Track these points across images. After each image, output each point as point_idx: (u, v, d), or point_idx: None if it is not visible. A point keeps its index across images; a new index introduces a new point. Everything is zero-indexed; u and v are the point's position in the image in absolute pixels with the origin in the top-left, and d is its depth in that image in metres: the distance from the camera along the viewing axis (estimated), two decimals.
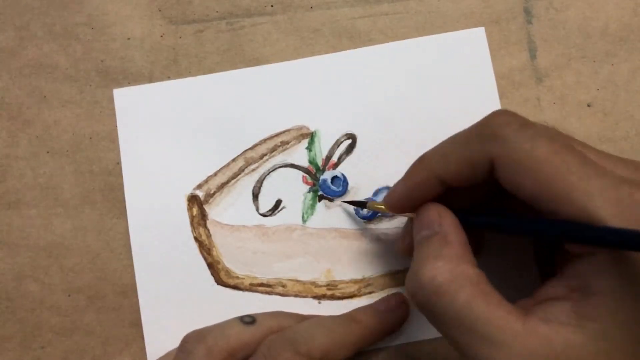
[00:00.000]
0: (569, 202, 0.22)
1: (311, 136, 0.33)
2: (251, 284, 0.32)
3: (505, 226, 0.25)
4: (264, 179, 0.33)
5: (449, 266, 0.24)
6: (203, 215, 0.33)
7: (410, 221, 0.29)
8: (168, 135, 0.34)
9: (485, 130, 0.24)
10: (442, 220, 0.26)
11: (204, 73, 0.34)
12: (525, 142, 0.23)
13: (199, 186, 0.33)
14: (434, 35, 0.34)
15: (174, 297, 0.32)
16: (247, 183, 0.33)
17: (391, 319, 0.31)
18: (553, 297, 0.23)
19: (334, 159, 0.33)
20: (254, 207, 0.33)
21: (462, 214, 0.26)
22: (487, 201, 0.28)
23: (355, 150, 0.33)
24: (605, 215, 0.21)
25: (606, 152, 0.25)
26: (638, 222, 0.21)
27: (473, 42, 0.34)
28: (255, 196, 0.33)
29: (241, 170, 0.33)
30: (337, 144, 0.33)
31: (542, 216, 0.23)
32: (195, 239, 0.33)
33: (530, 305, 0.24)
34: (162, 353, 0.31)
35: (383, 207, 0.29)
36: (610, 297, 0.22)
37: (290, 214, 0.33)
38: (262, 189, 0.33)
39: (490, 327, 0.22)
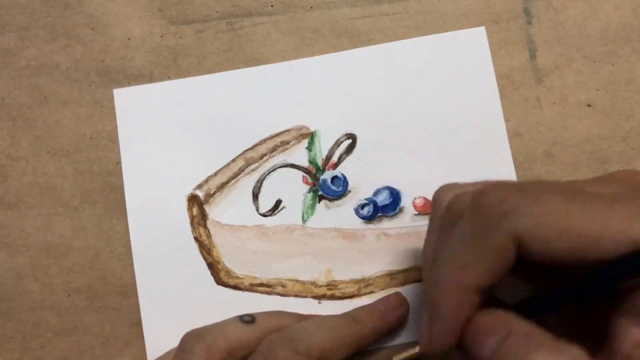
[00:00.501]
0: (609, 239, 0.20)
1: (311, 136, 0.33)
2: (251, 284, 0.32)
3: (569, 297, 0.22)
4: (264, 179, 0.33)
5: (553, 355, 0.20)
6: (203, 215, 0.33)
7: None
8: (168, 135, 0.34)
9: (491, 213, 0.22)
10: (509, 321, 0.22)
11: (204, 73, 0.34)
12: (540, 206, 0.21)
13: (199, 186, 0.33)
14: (434, 35, 0.34)
15: (174, 297, 0.32)
16: (247, 183, 0.33)
17: (391, 318, 0.31)
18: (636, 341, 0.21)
19: (334, 159, 0.33)
20: (254, 207, 0.33)
21: (521, 307, 0.23)
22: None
23: (355, 150, 0.33)
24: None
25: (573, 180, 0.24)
26: None
27: (473, 41, 0.34)
28: (255, 196, 0.33)
29: (241, 170, 0.33)
30: (337, 144, 0.33)
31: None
32: (196, 239, 0.33)
33: None
34: (162, 353, 0.31)
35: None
36: None
37: (290, 214, 0.33)
38: (262, 189, 0.33)
39: None
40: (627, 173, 0.24)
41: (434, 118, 0.33)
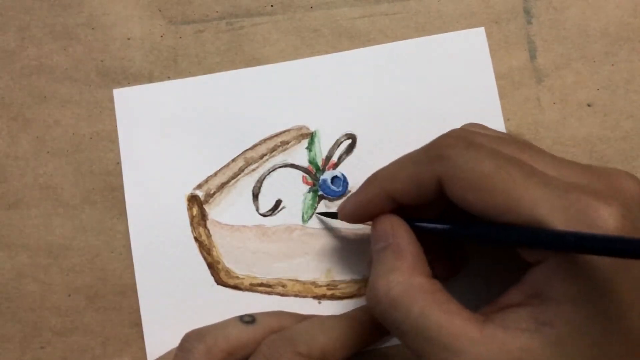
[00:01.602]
0: (516, 213, 0.22)
1: (311, 136, 0.33)
2: (251, 284, 0.32)
3: (457, 232, 0.26)
4: (264, 179, 0.33)
5: (402, 278, 0.24)
6: (203, 215, 0.33)
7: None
8: (168, 135, 0.34)
9: (432, 151, 0.25)
10: (395, 232, 0.26)
11: (204, 73, 0.34)
12: (470, 160, 0.24)
13: (199, 186, 0.33)
14: (433, 36, 0.34)
15: (174, 297, 0.32)
16: (247, 183, 0.33)
17: None
18: (512, 304, 0.24)
19: (334, 159, 0.33)
20: (254, 207, 0.33)
21: (415, 222, 0.27)
22: (442, 216, 0.28)
23: (355, 150, 0.33)
24: (553, 221, 0.22)
25: (559, 157, 0.25)
26: (585, 226, 0.21)
27: (473, 42, 0.34)
28: (255, 196, 0.33)
29: (241, 170, 0.33)
30: (337, 144, 0.33)
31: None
32: (195, 239, 0.33)
33: (491, 312, 0.24)
34: (162, 353, 0.31)
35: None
36: (565, 302, 0.22)
37: (290, 214, 0.33)
38: (262, 189, 0.33)
39: (446, 335, 0.23)
40: (616, 172, 0.24)
41: (434, 118, 0.33)
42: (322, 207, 0.33)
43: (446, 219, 0.27)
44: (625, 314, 0.22)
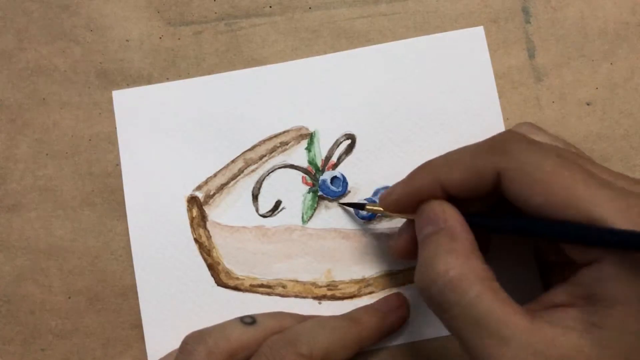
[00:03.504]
0: (577, 211, 0.22)
1: (310, 137, 0.33)
2: (251, 285, 0.32)
3: (512, 227, 0.26)
4: (264, 179, 0.33)
5: (460, 261, 0.24)
6: (203, 217, 0.33)
7: (408, 223, 0.29)
8: (167, 136, 0.34)
9: (494, 144, 0.25)
10: (447, 216, 0.26)
11: (203, 74, 0.34)
12: (533, 156, 0.24)
13: (199, 187, 0.33)
14: (432, 35, 0.34)
15: (174, 298, 0.32)
16: (246, 184, 0.33)
17: (391, 319, 0.31)
18: (558, 303, 0.24)
19: (334, 159, 0.33)
20: (253, 208, 0.33)
21: (466, 214, 0.26)
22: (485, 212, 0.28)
23: (355, 151, 0.33)
24: (614, 222, 0.22)
25: (607, 167, 0.25)
26: None
27: (472, 41, 0.34)
28: (255, 197, 0.33)
29: (241, 171, 0.33)
30: (337, 144, 0.33)
31: None
32: (195, 240, 0.33)
33: (535, 309, 0.24)
34: (162, 354, 0.31)
35: (381, 208, 0.29)
36: (617, 305, 0.22)
37: (290, 215, 0.33)
38: (262, 190, 0.33)
39: (498, 322, 0.22)
40: None
41: (433, 118, 0.33)
42: (322, 207, 0.33)
43: (494, 214, 0.27)
44: None
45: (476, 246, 0.25)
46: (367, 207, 0.30)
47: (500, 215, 0.26)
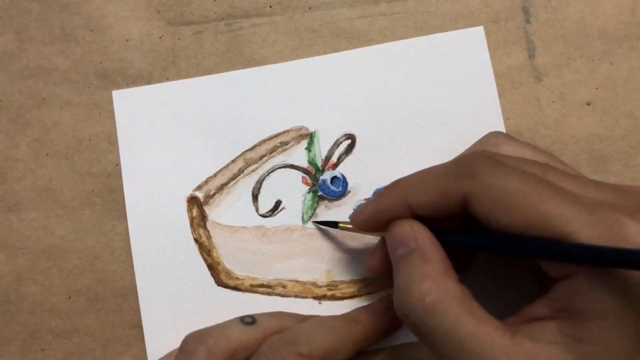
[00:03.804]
0: (545, 230, 0.22)
1: (310, 137, 0.33)
2: (251, 285, 0.32)
3: (482, 245, 0.26)
4: (264, 179, 0.33)
5: (436, 285, 0.24)
6: (203, 217, 0.33)
7: (382, 240, 0.29)
8: (167, 136, 0.34)
9: (461, 167, 0.25)
10: (417, 235, 0.26)
11: (203, 74, 0.34)
12: (498, 178, 0.24)
13: (199, 187, 0.33)
14: (432, 35, 0.34)
15: (174, 298, 0.32)
16: (246, 184, 0.33)
17: (391, 318, 0.31)
18: (539, 316, 0.24)
19: (334, 159, 0.33)
20: (253, 208, 0.33)
21: (436, 232, 0.26)
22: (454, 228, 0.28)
23: (355, 151, 0.33)
24: (582, 238, 0.22)
25: (584, 176, 0.26)
26: (614, 242, 0.21)
27: (472, 41, 0.34)
28: (255, 197, 0.33)
29: (241, 171, 0.33)
30: (337, 144, 0.33)
31: None
32: (195, 240, 0.33)
33: (516, 323, 0.24)
34: (162, 354, 0.31)
35: (352, 227, 0.29)
36: (595, 319, 0.22)
37: (290, 215, 0.33)
38: (262, 190, 0.33)
39: (479, 343, 0.23)
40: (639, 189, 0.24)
41: (433, 118, 0.33)
42: (322, 207, 0.33)
43: (466, 231, 0.27)
44: None
45: (449, 265, 0.25)
46: (340, 225, 0.31)
47: (471, 233, 0.26)
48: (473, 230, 0.26)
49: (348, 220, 0.31)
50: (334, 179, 0.33)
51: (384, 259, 0.28)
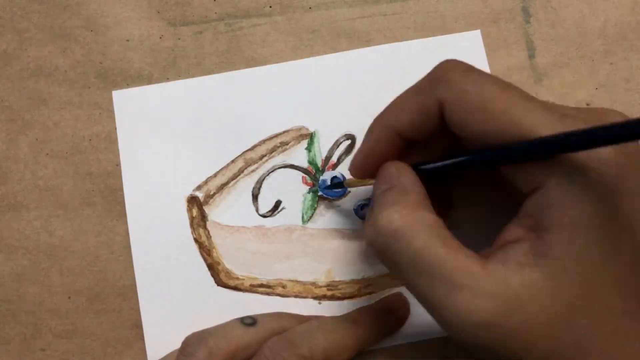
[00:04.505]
0: (517, 134, 0.22)
1: (310, 137, 0.33)
2: (251, 285, 0.32)
3: (456, 164, 0.26)
4: (264, 179, 0.33)
5: (406, 211, 0.24)
6: (203, 217, 0.33)
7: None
8: (167, 136, 0.34)
9: (434, 77, 0.25)
10: (400, 174, 0.26)
11: (203, 74, 0.34)
12: (472, 83, 0.24)
13: (199, 187, 0.33)
14: (430, 38, 0.34)
15: (174, 298, 0.32)
16: (246, 184, 0.33)
17: (391, 319, 0.31)
18: (512, 239, 0.23)
19: (334, 159, 0.33)
20: (253, 208, 0.33)
21: (418, 164, 0.27)
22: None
23: (355, 151, 0.33)
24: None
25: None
26: None
27: (469, 44, 0.34)
28: (255, 197, 0.33)
29: (241, 171, 0.33)
30: (337, 144, 0.33)
31: None
32: (195, 240, 0.33)
33: (491, 251, 0.24)
34: (162, 354, 0.31)
35: (353, 178, 0.29)
36: (561, 230, 0.22)
37: (290, 215, 0.33)
38: (262, 190, 0.33)
39: (448, 269, 0.22)
40: (604, 109, 0.24)
41: None
42: (322, 207, 0.33)
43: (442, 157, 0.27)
44: (626, 237, 0.22)
45: (426, 199, 0.25)
46: (346, 182, 0.31)
47: (449, 156, 0.26)
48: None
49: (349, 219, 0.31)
50: (334, 179, 0.33)
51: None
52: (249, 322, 0.29)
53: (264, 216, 0.33)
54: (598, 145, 0.20)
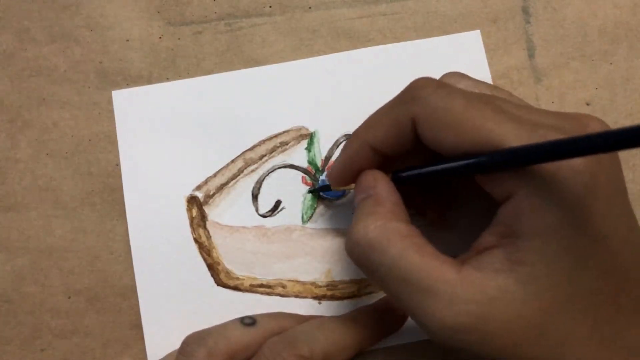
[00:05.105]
0: (488, 147, 0.23)
1: (310, 137, 0.33)
2: (251, 285, 0.32)
3: (431, 172, 0.26)
4: (264, 179, 0.33)
5: (381, 222, 0.24)
6: (203, 217, 0.33)
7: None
8: (167, 136, 0.34)
9: (406, 94, 0.26)
10: (376, 183, 0.26)
11: (203, 74, 0.34)
12: (442, 99, 0.24)
13: (199, 187, 0.33)
14: (430, 38, 0.34)
15: (174, 298, 0.32)
16: (246, 184, 0.33)
17: (391, 319, 0.31)
18: (487, 246, 0.24)
19: (334, 159, 0.33)
20: (253, 208, 0.33)
21: (396, 172, 0.27)
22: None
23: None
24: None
25: (531, 105, 0.26)
26: None
27: (469, 44, 0.34)
28: (255, 197, 0.33)
29: (240, 171, 0.33)
30: (337, 144, 0.33)
31: None
32: (195, 240, 0.33)
33: (467, 257, 0.24)
34: (162, 355, 0.31)
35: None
36: (534, 238, 0.22)
37: (290, 215, 0.33)
38: (262, 190, 0.33)
39: (424, 276, 0.23)
40: (583, 115, 0.25)
41: None
42: (322, 207, 0.33)
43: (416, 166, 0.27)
44: (598, 245, 0.22)
45: (401, 209, 0.26)
46: (334, 186, 0.31)
47: (425, 165, 0.27)
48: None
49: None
50: None
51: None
52: (249, 322, 0.29)
53: (263, 216, 0.33)
54: (563, 157, 0.21)
